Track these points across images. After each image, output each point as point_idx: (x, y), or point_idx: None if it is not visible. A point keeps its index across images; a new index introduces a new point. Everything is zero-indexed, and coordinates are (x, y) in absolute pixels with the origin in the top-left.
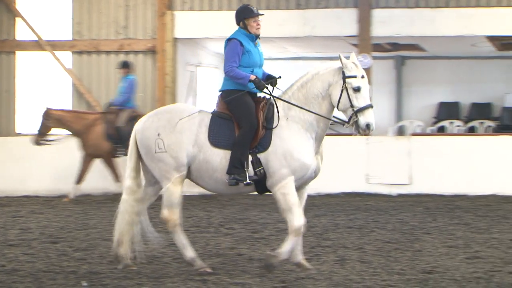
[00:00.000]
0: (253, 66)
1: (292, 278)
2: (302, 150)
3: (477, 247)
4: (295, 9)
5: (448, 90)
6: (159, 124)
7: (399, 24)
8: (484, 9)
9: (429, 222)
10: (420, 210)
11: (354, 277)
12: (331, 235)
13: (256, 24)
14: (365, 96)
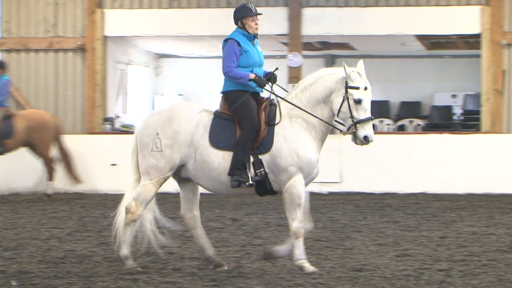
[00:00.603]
0: (252, 66)
1: (223, 276)
2: (307, 148)
3: (406, 245)
4: (225, 8)
5: (377, 89)
6: (158, 123)
7: (329, 23)
8: (413, 8)
9: (359, 220)
10: (350, 208)
11: (285, 275)
12: (262, 233)
13: (254, 24)
14: (366, 108)
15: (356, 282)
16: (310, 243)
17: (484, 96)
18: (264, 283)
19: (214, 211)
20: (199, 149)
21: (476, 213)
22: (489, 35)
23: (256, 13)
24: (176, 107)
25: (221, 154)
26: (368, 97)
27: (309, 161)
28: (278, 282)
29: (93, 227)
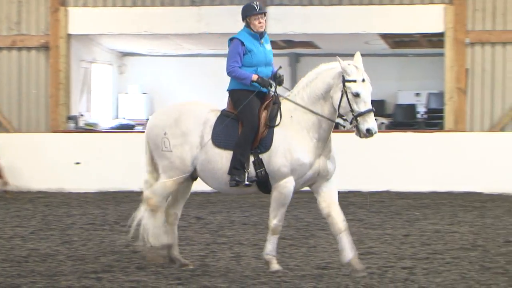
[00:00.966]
0: (257, 65)
1: (188, 275)
2: (301, 150)
3: (370, 242)
4: (189, 6)
5: None
6: (166, 123)
7: (293, 21)
8: (377, 7)
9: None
10: (314, 207)
11: (250, 273)
12: (227, 231)
13: (258, 22)
14: (365, 100)
15: (320, 280)
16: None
17: (447, 94)
18: (228, 281)
19: None
20: (205, 148)
21: (439, 211)
22: (452, 34)
23: (260, 12)
24: (185, 107)
25: (224, 153)
26: (367, 89)
27: (302, 163)
28: (243, 281)
29: (56, 226)
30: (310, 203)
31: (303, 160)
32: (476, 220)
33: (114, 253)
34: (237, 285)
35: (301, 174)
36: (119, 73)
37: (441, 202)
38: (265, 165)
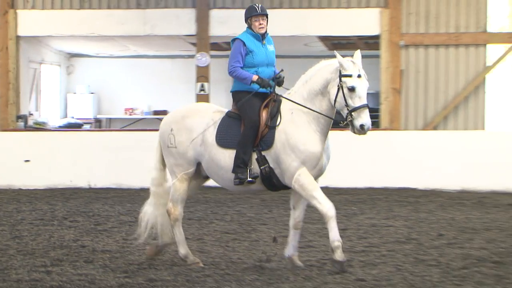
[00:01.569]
0: (258, 66)
1: (135, 268)
2: (307, 141)
3: (310, 236)
4: (135, 9)
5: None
6: (173, 120)
7: (236, 24)
8: (316, 10)
9: (265, 213)
10: (256, 202)
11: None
12: None
13: (259, 24)
14: (360, 95)
15: (262, 273)
16: (218, 236)
17: (383, 94)
18: (174, 274)
19: (125, 205)
20: (208, 147)
21: (375, 206)
22: (387, 37)
23: (259, 13)
24: (192, 107)
25: (227, 153)
26: (363, 85)
27: (311, 154)
28: (187, 273)
29: (7, 222)
30: (252, 199)
31: (311, 150)
32: (410, 214)
33: (63, 247)
34: (182, 277)
35: (314, 164)
36: (67, 74)
37: (377, 198)
38: (272, 162)
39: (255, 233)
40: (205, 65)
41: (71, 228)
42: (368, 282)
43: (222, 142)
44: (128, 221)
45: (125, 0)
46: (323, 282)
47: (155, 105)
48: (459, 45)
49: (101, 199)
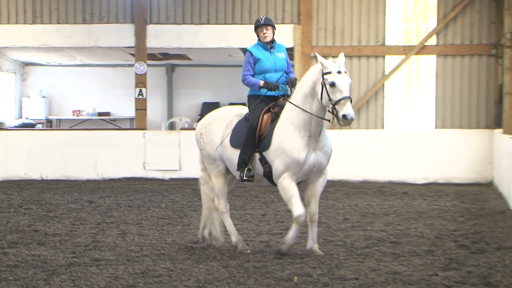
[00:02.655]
0: (266, 72)
1: (81, 249)
2: (293, 148)
3: (234, 221)
4: (81, 24)
5: (210, 93)
6: (203, 125)
7: (169, 37)
8: (238, 25)
9: (196, 201)
10: (188, 192)
11: (134, 247)
12: (114, 213)
13: (263, 34)
14: (341, 89)
15: (192, 253)
16: (154, 221)
17: None
18: (116, 255)
19: (73, 194)
20: (225, 148)
21: None
22: (300, 49)
23: (262, 24)
24: (218, 111)
25: (237, 152)
26: (343, 80)
27: (294, 160)
28: (128, 254)
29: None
30: (183, 189)
31: (295, 157)
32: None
33: (18, 231)
34: (123, 257)
35: (297, 170)
36: (21, 80)
37: None
38: (270, 162)
39: (186, 218)
40: (143, 73)
41: (26, 215)
42: (285, 260)
43: (234, 143)
44: (76, 208)
45: (72, 16)
46: (245, 260)
47: (99, 108)
48: (361, 56)
49: (52, 189)
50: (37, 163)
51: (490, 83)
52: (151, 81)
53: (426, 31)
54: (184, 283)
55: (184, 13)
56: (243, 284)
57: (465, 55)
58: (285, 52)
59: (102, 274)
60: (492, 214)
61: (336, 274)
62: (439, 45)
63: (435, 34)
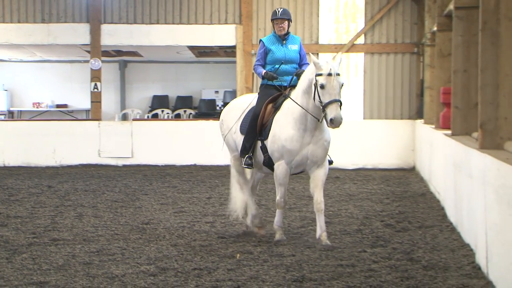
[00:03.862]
0: (275, 63)
1: (41, 230)
2: (287, 138)
3: (182, 203)
4: (40, 23)
5: (159, 86)
6: (224, 113)
7: (122, 36)
8: (186, 25)
9: (147, 186)
10: (140, 177)
11: (90, 228)
12: (72, 196)
13: (279, 26)
14: (330, 92)
15: (144, 233)
16: (108, 204)
17: (238, 92)
18: (73, 235)
19: (33, 180)
20: (236, 135)
21: None
22: (241, 47)
23: (279, 17)
24: (240, 98)
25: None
26: (333, 82)
27: (288, 150)
28: (84, 234)
29: None
30: (135, 174)
31: (288, 147)
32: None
33: None
34: (80, 237)
35: (290, 159)
36: None
37: None
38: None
39: (138, 201)
40: (98, 68)
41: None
42: (228, 239)
43: (242, 130)
44: (36, 192)
45: (32, 16)
46: (192, 239)
47: (58, 100)
48: None
49: (14, 175)
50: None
51: (412, 78)
52: (105, 76)
53: (355, 31)
54: (136, 260)
55: (136, 14)
56: (190, 261)
57: (390, 53)
58: (299, 44)
59: (60, 253)
60: (414, 196)
61: (275, 251)
62: (367, 43)
63: (363, 34)
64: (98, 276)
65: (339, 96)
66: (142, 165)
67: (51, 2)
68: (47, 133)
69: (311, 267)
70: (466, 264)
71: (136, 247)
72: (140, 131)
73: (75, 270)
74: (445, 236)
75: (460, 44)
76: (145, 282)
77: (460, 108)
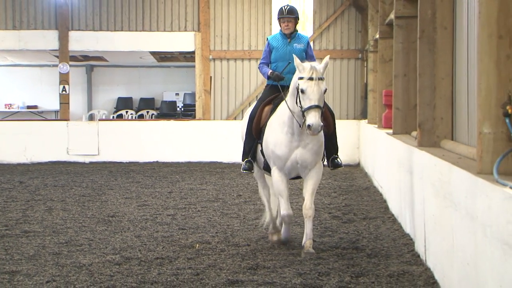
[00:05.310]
0: (280, 61)
1: (13, 222)
2: (276, 143)
3: (145, 198)
4: (12, 30)
5: (124, 89)
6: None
7: (88, 42)
8: (149, 32)
9: (112, 181)
10: (105, 173)
11: (59, 221)
12: (42, 191)
13: (285, 25)
14: (310, 97)
15: (109, 225)
16: (76, 198)
17: (197, 94)
18: (43, 227)
19: (5, 176)
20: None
21: (192, 175)
22: (200, 52)
23: (285, 16)
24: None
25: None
26: (313, 87)
27: (276, 156)
28: (53, 226)
29: None
30: (101, 171)
31: (277, 153)
32: (218, 181)
33: None
34: (49, 229)
35: (280, 165)
36: None
37: (194, 169)
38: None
39: (104, 196)
40: (66, 72)
41: None
42: (188, 230)
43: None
44: (8, 187)
45: (4, 23)
46: (155, 230)
47: (28, 101)
48: (251, 59)
49: None
50: None
51: (357, 82)
52: (73, 79)
53: None
54: (102, 250)
55: (101, 21)
56: (153, 251)
57: (336, 58)
58: (306, 43)
59: (31, 244)
60: (359, 190)
61: (231, 242)
62: (315, 50)
63: (312, 41)
64: (66, 266)
65: (319, 102)
66: (108, 162)
67: (22, 10)
68: (18, 132)
69: (264, 255)
70: (406, 252)
71: (102, 238)
72: (106, 131)
73: (45, 260)
74: (387, 227)
75: (400, 51)
76: (111, 270)
77: (400, 109)
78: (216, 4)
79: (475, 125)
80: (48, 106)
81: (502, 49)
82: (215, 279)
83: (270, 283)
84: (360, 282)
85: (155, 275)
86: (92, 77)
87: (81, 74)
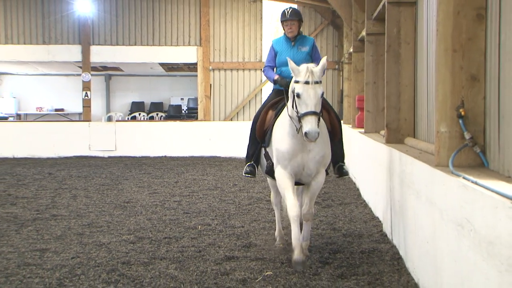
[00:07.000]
0: (283, 66)
1: (43, 208)
2: (279, 141)
3: (155, 186)
4: (42, 44)
5: (137, 95)
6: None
7: (107, 55)
8: (158, 47)
9: (127, 173)
10: (121, 166)
11: (82, 206)
12: (68, 181)
13: (289, 28)
14: (306, 102)
15: (125, 209)
16: (97, 187)
17: (199, 99)
18: (69, 211)
19: (37, 168)
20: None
21: (195, 167)
22: (201, 64)
23: (287, 19)
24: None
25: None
26: (309, 91)
27: (280, 153)
28: (77, 211)
29: None
30: (118, 164)
31: (281, 150)
32: (217, 172)
33: None
34: (74, 213)
35: (285, 163)
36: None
37: (196, 162)
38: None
39: (120, 185)
40: (88, 80)
41: (1, 183)
42: (191, 214)
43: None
44: (39, 178)
45: (35, 38)
46: (163, 214)
47: (56, 105)
48: (245, 69)
49: (21, 164)
50: (9, 146)
51: (334, 88)
52: (94, 86)
53: None
54: (119, 231)
55: (118, 37)
56: (162, 232)
57: None
58: (311, 45)
59: (58, 226)
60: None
61: (228, 224)
62: None
63: None
64: (89, 244)
65: (316, 108)
66: (124, 157)
67: (50, 28)
68: (48, 131)
69: (256, 235)
70: (376, 232)
71: (119, 221)
72: (122, 130)
73: (71, 239)
74: (359, 211)
75: (371, 62)
76: (126, 248)
77: (371, 112)
78: (215, 22)
79: (434, 125)
80: (73, 109)
81: (456, 61)
82: (215, 255)
83: (261, 258)
84: (337, 258)
85: (163, 252)
86: (110, 85)
87: (100, 82)
